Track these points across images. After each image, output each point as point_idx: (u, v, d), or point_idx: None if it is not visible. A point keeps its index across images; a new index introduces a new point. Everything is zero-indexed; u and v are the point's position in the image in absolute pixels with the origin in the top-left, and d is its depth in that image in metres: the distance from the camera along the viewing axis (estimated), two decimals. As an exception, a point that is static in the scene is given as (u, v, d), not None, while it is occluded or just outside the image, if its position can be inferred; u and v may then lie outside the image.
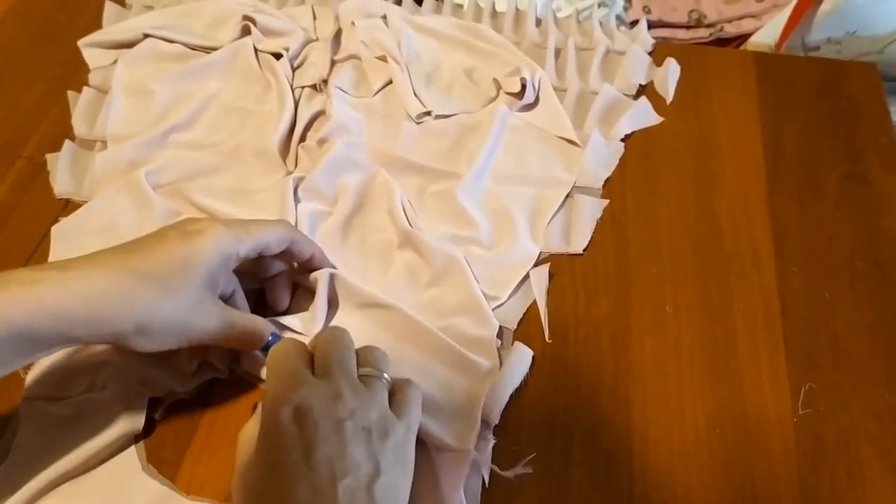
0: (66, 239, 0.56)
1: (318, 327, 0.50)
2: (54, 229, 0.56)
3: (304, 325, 0.49)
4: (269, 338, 0.46)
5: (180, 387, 0.47)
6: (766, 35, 1.03)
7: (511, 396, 0.47)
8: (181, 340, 0.41)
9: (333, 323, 0.51)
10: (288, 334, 0.49)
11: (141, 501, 0.43)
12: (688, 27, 1.09)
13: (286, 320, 0.49)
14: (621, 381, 0.48)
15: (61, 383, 0.47)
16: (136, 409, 0.46)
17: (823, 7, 0.95)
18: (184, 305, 0.40)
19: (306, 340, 0.45)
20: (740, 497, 0.43)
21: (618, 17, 1.05)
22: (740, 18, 1.08)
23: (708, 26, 1.08)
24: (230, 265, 0.43)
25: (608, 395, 0.47)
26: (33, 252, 0.55)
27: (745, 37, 1.07)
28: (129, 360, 0.48)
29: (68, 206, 0.58)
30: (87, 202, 0.58)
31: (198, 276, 0.40)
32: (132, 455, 0.45)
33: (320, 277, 0.50)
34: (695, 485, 0.44)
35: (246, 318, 0.44)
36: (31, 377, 0.47)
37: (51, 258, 0.54)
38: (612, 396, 0.47)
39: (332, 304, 0.52)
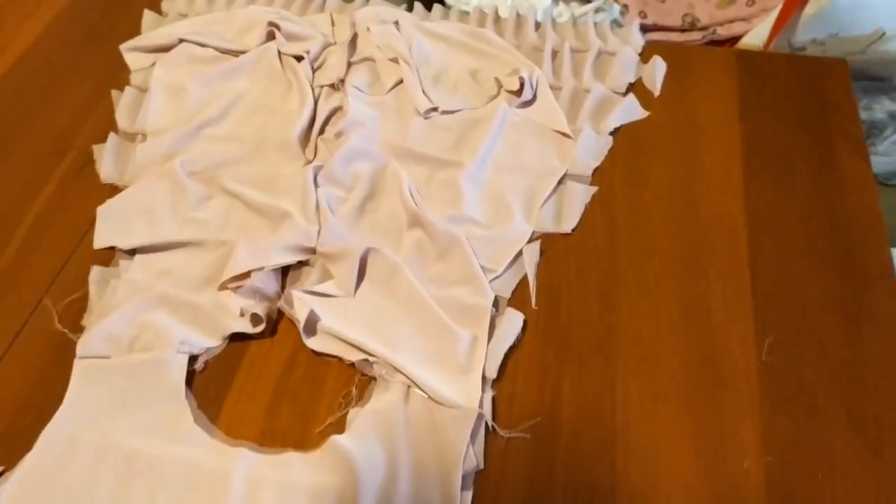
0: (110, 218, 0.63)
1: (351, 288, 0.57)
2: (99, 210, 0.62)
3: (338, 290, 0.57)
4: None
5: (214, 342, 0.54)
6: (756, 37, 1.09)
7: (511, 347, 0.54)
8: None
9: (360, 292, 0.57)
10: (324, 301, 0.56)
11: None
12: (682, 30, 1.15)
13: (322, 287, 0.56)
14: (607, 336, 0.54)
15: (107, 344, 0.54)
16: (178, 365, 0.52)
17: (808, 10, 1.01)
18: None
19: (342, 302, 0.54)
20: (708, 431, 0.49)
21: (615, 21, 1.11)
22: (731, 22, 1.14)
23: (701, 29, 1.15)
24: None
25: (595, 347, 0.54)
26: (87, 231, 0.62)
27: (736, 39, 1.13)
28: (169, 321, 0.54)
29: (113, 190, 0.65)
30: (128, 187, 0.65)
31: None
32: (183, 404, 0.51)
33: (357, 250, 0.57)
34: (669, 421, 0.50)
35: None
36: (81, 341, 0.54)
37: (96, 233, 0.61)
38: (599, 348, 0.54)
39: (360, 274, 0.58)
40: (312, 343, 0.54)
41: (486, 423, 0.50)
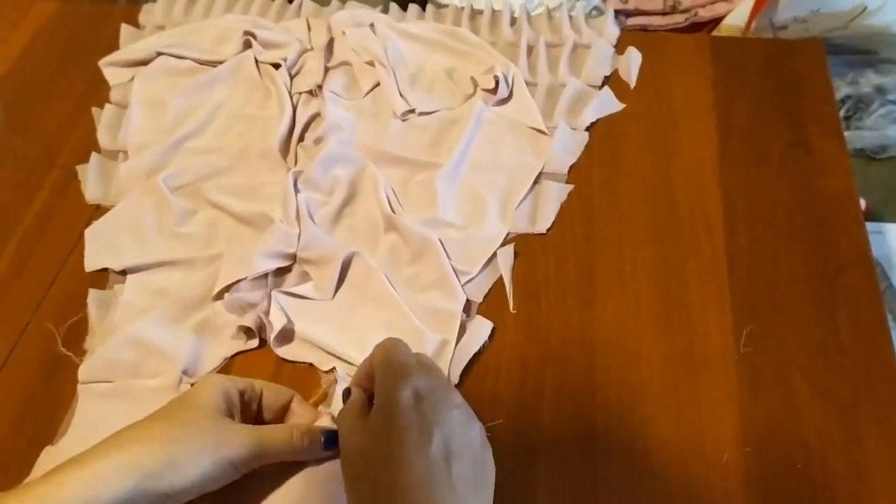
0: (98, 239, 0.63)
1: (330, 292, 0.58)
2: (87, 231, 0.63)
3: (317, 293, 0.58)
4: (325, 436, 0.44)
5: (214, 364, 0.55)
6: (737, 17, 1.09)
7: (489, 348, 0.55)
8: (221, 464, 0.40)
9: (338, 295, 0.58)
10: (297, 303, 0.57)
11: None
12: (664, 14, 1.15)
13: (300, 289, 0.57)
14: (586, 332, 0.55)
15: (109, 369, 0.54)
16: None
17: (787, -12, 1.01)
18: (200, 428, 0.41)
19: (319, 305, 0.55)
20: (687, 423, 0.50)
21: (596, 8, 1.12)
22: (713, 3, 1.14)
23: (683, 12, 1.15)
24: (231, 397, 0.43)
25: (574, 344, 0.54)
26: (72, 250, 0.63)
27: (718, 20, 1.14)
28: (170, 345, 0.55)
29: (99, 210, 0.66)
30: (114, 206, 0.65)
31: (201, 403, 0.42)
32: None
33: (340, 253, 0.58)
34: (650, 415, 0.51)
35: (277, 427, 0.44)
36: (82, 368, 0.54)
37: (86, 256, 0.62)
38: (578, 345, 0.54)
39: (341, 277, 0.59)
40: (283, 352, 0.55)
41: None
